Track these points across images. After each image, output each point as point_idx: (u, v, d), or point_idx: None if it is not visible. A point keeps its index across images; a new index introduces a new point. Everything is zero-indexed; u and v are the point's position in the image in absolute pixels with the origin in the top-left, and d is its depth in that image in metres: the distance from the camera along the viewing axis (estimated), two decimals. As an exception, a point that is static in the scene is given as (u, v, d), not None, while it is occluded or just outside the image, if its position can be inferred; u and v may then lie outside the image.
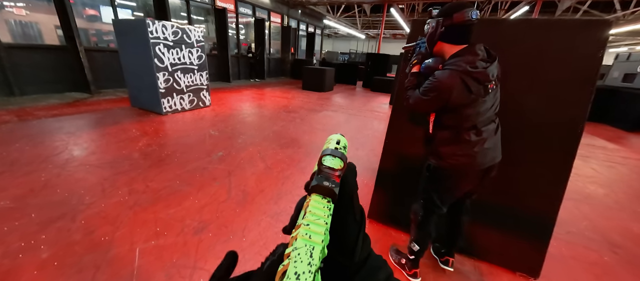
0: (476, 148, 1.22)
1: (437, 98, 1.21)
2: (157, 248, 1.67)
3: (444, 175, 1.34)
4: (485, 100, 1.19)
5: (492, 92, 1.20)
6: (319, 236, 0.25)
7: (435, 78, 1.20)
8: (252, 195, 2.36)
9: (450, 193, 1.39)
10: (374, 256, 0.32)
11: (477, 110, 1.19)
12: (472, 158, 1.24)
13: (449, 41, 1.22)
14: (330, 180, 0.30)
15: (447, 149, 1.28)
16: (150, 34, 4.06)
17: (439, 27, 1.22)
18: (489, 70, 1.14)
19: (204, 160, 2.98)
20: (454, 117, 1.23)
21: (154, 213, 2.00)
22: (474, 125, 1.21)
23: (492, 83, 1.17)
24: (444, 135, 1.29)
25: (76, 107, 4.70)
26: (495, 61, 1.18)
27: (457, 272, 1.69)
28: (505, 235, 1.70)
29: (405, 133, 1.90)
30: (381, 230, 2.01)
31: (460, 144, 1.24)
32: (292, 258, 0.23)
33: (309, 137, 4.14)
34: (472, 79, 1.14)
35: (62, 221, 1.85)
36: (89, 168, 2.62)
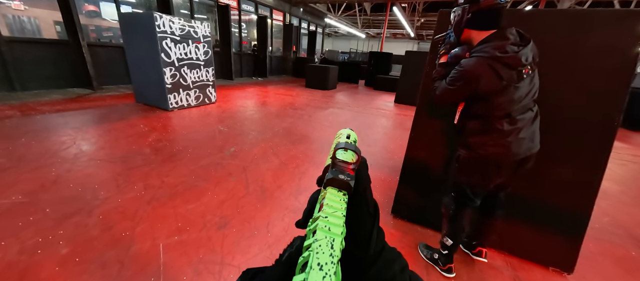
0: (510, 138, 1.17)
1: (463, 88, 1.17)
2: (180, 244, 1.61)
3: (475, 167, 1.29)
4: (519, 87, 1.13)
5: (528, 78, 1.14)
6: (338, 228, 0.25)
7: (461, 67, 1.15)
8: (271, 190, 2.31)
9: (482, 186, 1.34)
10: (389, 248, 0.32)
11: (510, 98, 1.13)
12: (505, 148, 1.18)
13: (476, 27, 1.18)
14: (345, 173, 0.31)
15: (477, 139, 1.24)
16: (158, 28, 3.98)
17: (466, 13, 1.17)
18: (521, 54, 1.08)
19: (217, 155, 2.92)
20: (484, 106, 1.18)
21: (173, 209, 1.93)
22: (508, 113, 1.16)
23: (526, 68, 1.11)
24: (473, 125, 1.24)
25: (80, 103, 4.60)
26: (529, 44, 1.12)
27: (490, 267, 1.65)
28: (538, 230, 1.67)
29: (430, 128, 1.85)
30: (407, 227, 1.96)
31: (492, 134, 1.19)
32: (313, 249, 0.23)
33: (319, 133, 4.09)
34: (502, 65, 1.08)
35: (78, 217, 1.78)
36: (100, 163, 2.54)
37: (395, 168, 2.95)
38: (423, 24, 20.12)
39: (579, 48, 1.45)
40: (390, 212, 2.09)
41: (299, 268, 0.23)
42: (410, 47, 25.19)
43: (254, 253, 1.59)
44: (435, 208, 1.90)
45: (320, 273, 0.21)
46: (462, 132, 1.30)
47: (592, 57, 1.44)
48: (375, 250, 0.30)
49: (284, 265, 0.28)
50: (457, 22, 1.22)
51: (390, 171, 2.89)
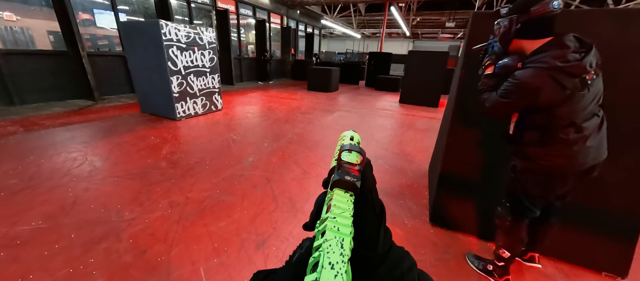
0: (576, 148, 1.11)
1: (520, 100, 1.11)
2: (222, 267, 1.52)
3: (535, 178, 1.23)
4: (585, 94, 1.06)
5: (593, 83, 1.08)
6: (347, 228, 0.26)
7: (517, 79, 1.09)
8: (301, 202, 2.23)
9: (542, 196, 1.28)
10: (396, 248, 0.32)
11: (574, 106, 1.07)
12: (571, 158, 1.12)
13: (527, 37, 1.12)
14: (351, 174, 0.31)
15: (537, 150, 1.17)
16: (164, 36, 3.86)
17: (514, 24, 1.12)
18: (585, 61, 1.02)
19: (237, 167, 2.82)
20: (545, 117, 1.12)
21: (204, 227, 1.84)
22: (572, 121, 1.09)
23: (590, 73, 1.05)
24: (532, 136, 1.18)
25: (83, 115, 4.45)
26: (592, 49, 1.06)
27: (542, 275, 1.59)
28: (590, 234, 1.62)
29: (469, 135, 1.80)
30: (449, 236, 1.90)
31: (555, 144, 1.13)
32: (323, 249, 0.23)
33: (333, 138, 4.02)
34: (565, 75, 1.02)
35: (107, 242, 1.68)
36: (117, 180, 2.43)
37: (419, 173, 2.89)
38: (418, 23, 20.24)
39: (625, 46, 1.41)
40: (429, 221, 2.02)
41: (309, 269, 0.24)
42: (406, 45, 25.31)
43: (300, 273, 1.51)
44: (478, 215, 1.86)
45: (332, 272, 0.21)
46: (519, 142, 1.24)
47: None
48: (382, 249, 0.30)
49: (295, 266, 0.28)
50: (505, 33, 1.16)
51: (415, 176, 2.83)
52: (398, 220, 2.06)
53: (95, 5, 6.09)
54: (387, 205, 2.25)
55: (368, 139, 4.01)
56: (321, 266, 0.22)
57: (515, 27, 1.12)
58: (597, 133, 1.12)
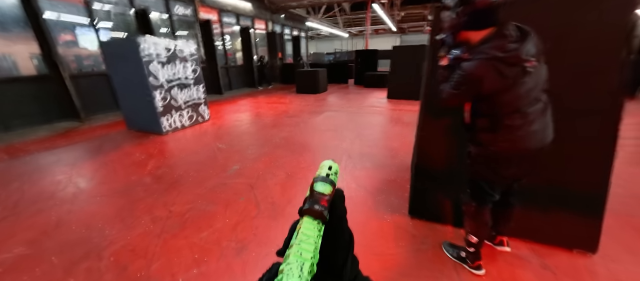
0: (521, 132, 1.16)
1: (468, 90, 1.16)
2: (201, 276, 1.54)
3: (487, 162, 1.28)
4: (526, 81, 1.11)
5: (534, 71, 1.12)
6: (309, 253, 0.28)
7: (463, 70, 1.14)
8: (282, 205, 2.26)
9: (498, 180, 1.33)
10: (362, 277, 0.34)
11: (517, 94, 1.12)
12: (517, 142, 1.18)
13: (473, 28, 1.16)
14: (320, 204, 0.33)
15: (488, 136, 1.23)
16: (142, 52, 3.88)
17: (461, 16, 1.16)
18: (522, 50, 1.06)
19: (221, 175, 2.85)
20: (491, 104, 1.17)
21: (185, 239, 1.86)
22: (517, 108, 1.14)
23: (530, 61, 1.09)
24: (483, 123, 1.23)
25: (69, 137, 4.44)
26: (528, 38, 1.10)
27: (517, 257, 1.64)
28: (558, 214, 1.67)
29: (438, 126, 1.85)
30: (427, 227, 1.94)
31: (502, 130, 1.18)
32: (284, 272, 0.26)
33: (318, 140, 4.05)
34: (505, 64, 1.06)
35: (88, 261, 1.69)
36: (101, 200, 2.44)
37: (402, 167, 2.93)
38: (403, 18, 20.37)
39: (575, 27, 1.46)
40: (408, 213, 2.06)
41: None
42: (394, 41, 25.43)
43: (278, 276, 1.54)
44: (452, 204, 1.90)
45: None
46: (473, 129, 1.29)
47: (588, 35, 1.45)
48: (349, 278, 0.32)
49: None
50: (452, 25, 1.21)
51: (398, 170, 2.87)
52: (378, 214, 2.10)
53: (76, 25, 6.08)
54: (368, 201, 2.29)
55: (352, 139, 4.04)
56: None
57: (462, 19, 1.16)
58: (541, 118, 1.17)
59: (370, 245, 1.77)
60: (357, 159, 3.20)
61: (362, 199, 2.33)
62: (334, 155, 3.30)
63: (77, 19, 5.89)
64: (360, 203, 2.27)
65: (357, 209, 2.19)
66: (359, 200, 2.31)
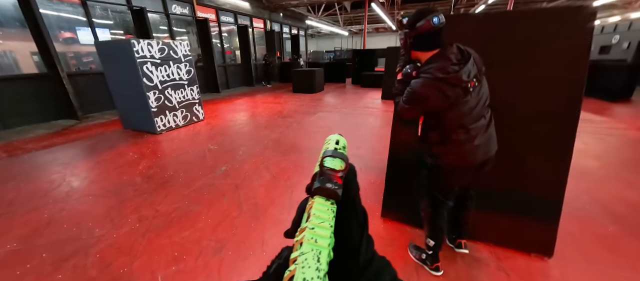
0: (466, 147, 1.25)
1: (416, 107, 1.24)
2: (179, 274, 1.66)
3: (440, 173, 1.38)
4: (468, 100, 1.19)
5: (475, 90, 1.20)
6: (325, 240, 0.25)
7: (411, 88, 1.23)
8: (264, 207, 2.36)
9: (450, 189, 1.43)
10: (378, 257, 0.31)
11: (460, 111, 1.20)
12: (463, 156, 1.27)
13: (420, 49, 1.26)
14: (333, 181, 0.30)
15: (438, 149, 1.32)
16: (137, 54, 3.98)
17: (408, 38, 1.25)
18: (462, 73, 1.14)
19: (209, 176, 2.96)
20: (438, 120, 1.26)
21: (168, 238, 1.98)
22: (461, 124, 1.23)
23: (471, 82, 1.18)
24: (433, 137, 1.32)
25: (66, 136, 4.56)
26: (469, 60, 1.17)
27: (476, 260, 1.74)
28: (517, 220, 1.77)
29: (409, 130, 1.93)
30: (397, 229, 2.04)
31: (450, 144, 1.27)
32: (299, 263, 0.22)
33: (308, 141, 4.15)
34: (447, 85, 1.15)
35: (76, 258, 1.81)
36: (92, 199, 2.56)
37: (384, 169, 3.02)
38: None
39: (535, 44, 1.55)
40: (381, 215, 2.17)
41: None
42: (394, 39, 25.39)
43: (249, 275, 1.65)
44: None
45: None
46: (425, 142, 1.38)
47: (548, 52, 1.54)
48: (364, 259, 0.29)
49: (272, 277, 0.27)
50: (403, 45, 1.31)
51: (380, 172, 2.96)
52: (353, 217, 2.20)
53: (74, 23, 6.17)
54: (346, 204, 2.38)
55: (345, 138, 4.13)
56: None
57: (409, 41, 1.25)
58: (484, 132, 1.26)
59: (341, 246, 1.88)
60: (341, 161, 3.29)
61: (340, 201, 2.43)
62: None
63: (74, 16, 5.98)
64: (338, 205, 2.37)
65: (334, 211, 2.28)
66: (338, 202, 2.41)
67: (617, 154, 3.44)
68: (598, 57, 10.50)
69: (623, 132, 4.31)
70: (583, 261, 1.73)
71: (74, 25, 6.24)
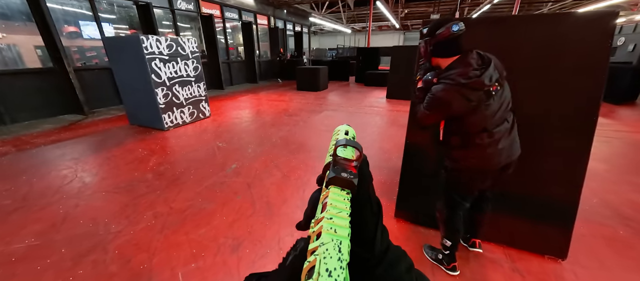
0: (489, 150, 1.27)
1: (438, 112, 1.27)
2: (198, 271, 1.68)
3: (460, 176, 1.40)
4: (490, 104, 1.21)
5: (498, 94, 1.22)
6: (344, 230, 0.24)
7: (432, 94, 1.24)
8: (277, 205, 2.38)
9: (469, 192, 1.45)
10: (394, 247, 0.31)
11: (483, 115, 1.22)
12: (486, 160, 1.29)
13: (440, 56, 1.28)
14: (348, 171, 0.29)
15: (459, 153, 1.34)
16: (145, 50, 3.98)
17: (429, 45, 1.27)
18: (484, 77, 1.16)
19: (220, 174, 2.97)
20: (461, 124, 1.28)
21: (185, 235, 2.00)
22: (484, 128, 1.25)
23: (493, 85, 1.19)
24: (455, 141, 1.34)
25: (74, 131, 4.57)
26: (490, 65, 1.19)
27: (490, 260, 1.76)
28: (532, 222, 1.79)
29: (424, 133, 1.95)
30: (410, 229, 2.07)
31: (472, 148, 1.29)
32: (320, 254, 0.22)
33: (316, 140, 4.17)
34: (469, 89, 1.17)
35: (94, 254, 1.83)
36: (106, 195, 2.58)
37: (394, 169, 3.05)
38: (407, 15, 20.22)
39: (556, 49, 1.56)
40: (394, 216, 2.19)
41: (304, 274, 0.22)
42: (397, 38, 25.34)
43: (269, 272, 1.67)
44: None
45: (330, 279, 0.20)
46: (447, 146, 1.39)
47: (568, 57, 1.55)
48: (380, 249, 0.29)
49: (289, 269, 0.27)
50: (424, 53, 1.33)
51: (390, 172, 2.99)
52: (366, 217, 2.22)
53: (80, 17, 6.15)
54: (358, 204, 2.41)
55: (349, 138, 4.15)
56: (317, 274, 0.20)
57: (429, 48, 1.27)
58: (508, 136, 1.28)
59: (356, 246, 1.90)
60: (351, 161, 3.31)
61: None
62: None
63: (80, 11, 5.97)
64: (350, 204, 2.39)
65: (347, 211, 2.31)
66: (350, 202, 2.43)
67: (623, 157, 3.47)
68: (602, 59, 10.44)
69: (628, 134, 4.33)
70: (595, 264, 1.75)
71: (79, 20, 6.22)
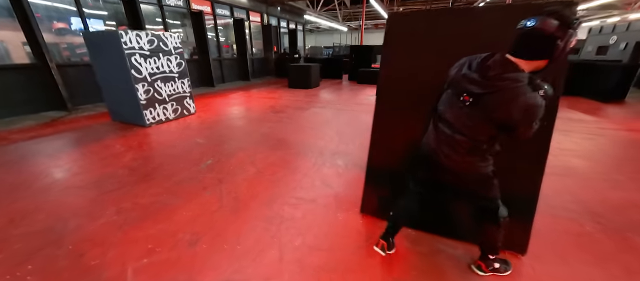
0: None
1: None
2: (150, 266, 1.65)
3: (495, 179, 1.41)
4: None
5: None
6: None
7: (537, 104, 1.10)
8: (245, 201, 2.35)
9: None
10: None
11: None
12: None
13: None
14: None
15: (492, 159, 1.36)
16: (124, 45, 3.93)
17: (567, 42, 1.02)
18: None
19: (192, 170, 2.94)
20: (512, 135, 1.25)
21: (144, 231, 1.96)
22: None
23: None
24: (496, 148, 1.35)
25: (54, 127, 4.53)
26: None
27: (448, 256, 1.73)
28: (493, 217, 1.76)
29: (388, 127, 1.93)
30: (376, 224, 2.04)
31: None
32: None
33: (298, 136, 4.13)
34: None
35: (48, 249, 1.79)
36: (74, 191, 2.54)
37: (369, 166, 3.01)
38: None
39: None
40: (360, 211, 2.16)
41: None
42: (393, 36, 25.20)
43: (223, 267, 1.64)
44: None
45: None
46: (488, 152, 1.30)
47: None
48: None
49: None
50: (561, 53, 1.00)
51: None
52: (332, 212, 2.19)
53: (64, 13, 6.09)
54: (328, 199, 2.38)
55: (331, 136, 4.12)
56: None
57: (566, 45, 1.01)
58: None
59: (314, 243, 1.87)
60: (328, 157, 3.28)
61: (323, 197, 2.42)
62: (309, 153, 3.39)
63: (63, 6, 5.90)
64: (320, 201, 2.36)
65: (315, 207, 2.28)
66: (320, 198, 2.40)
67: (606, 154, 3.44)
68: (595, 57, 10.47)
69: (614, 132, 4.31)
70: (556, 259, 1.73)
71: (64, 15, 6.16)
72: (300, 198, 2.40)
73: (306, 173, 2.87)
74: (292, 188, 2.56)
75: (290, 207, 2.25)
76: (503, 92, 1.07)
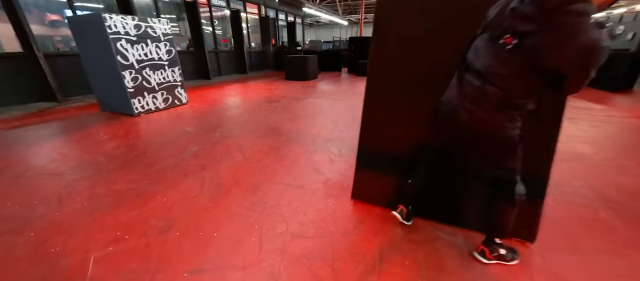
0: None
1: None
2: (114, 254, 1.48)
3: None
4: None
5: None
6: None
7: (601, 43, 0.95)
8: (227, 187, 2.18)
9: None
10: None
11: None
12: None
13: None
14: None
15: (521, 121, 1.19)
16: (109, 29, 3.75)
17: None
18: None
19: (177, 157, 2.77)
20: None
21: (115, 218, 1.80)
22: None
23: None
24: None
25: (40, 117, 4.37)
26: None
27: (449, 244, 1.56)
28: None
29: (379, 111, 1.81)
30: (365, 210, 1.87)
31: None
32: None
33: (290, 124, 3.95)
34: None
35: (8, 236, 1.64)
36: (47, 178, 2.38)
37: (364, 152, 2.84)
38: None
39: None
40: (351, 197, 1.99)
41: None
42: (394, 30, 24.88)
43: (194, 256, 1.47)
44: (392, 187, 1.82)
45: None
46: (522, 108, 1.11)
47: None
48: None
49: None
50: None
51: (358, 155, 2.77)
52: (322, 198, 2.02)
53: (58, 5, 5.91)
54: (318, 185, 2.21)
55: (326, 124, 3.93)
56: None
57: None
58: None
59: (298, 230, 1.70)
60: (320, 144, 3.11)
61: (312, 183, 2.25)
62: (300, 140, 3.22)
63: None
64: (308, 187, 2.20)
65: (302, 192, 2.11)
66: (308, 184, 2.23)
67: (613, 140, 3.25)
68: (601, 47, 10.21)
69: (621, 119, 4.10)
70: (568, 247, 1.55)
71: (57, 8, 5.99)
72: (288, 184, 2.23)
73: (295, 159, 2.70)
74: (280, 174, 2.39)
75: (275, 193, 2.09)
76: (562, 28, 0.87)
